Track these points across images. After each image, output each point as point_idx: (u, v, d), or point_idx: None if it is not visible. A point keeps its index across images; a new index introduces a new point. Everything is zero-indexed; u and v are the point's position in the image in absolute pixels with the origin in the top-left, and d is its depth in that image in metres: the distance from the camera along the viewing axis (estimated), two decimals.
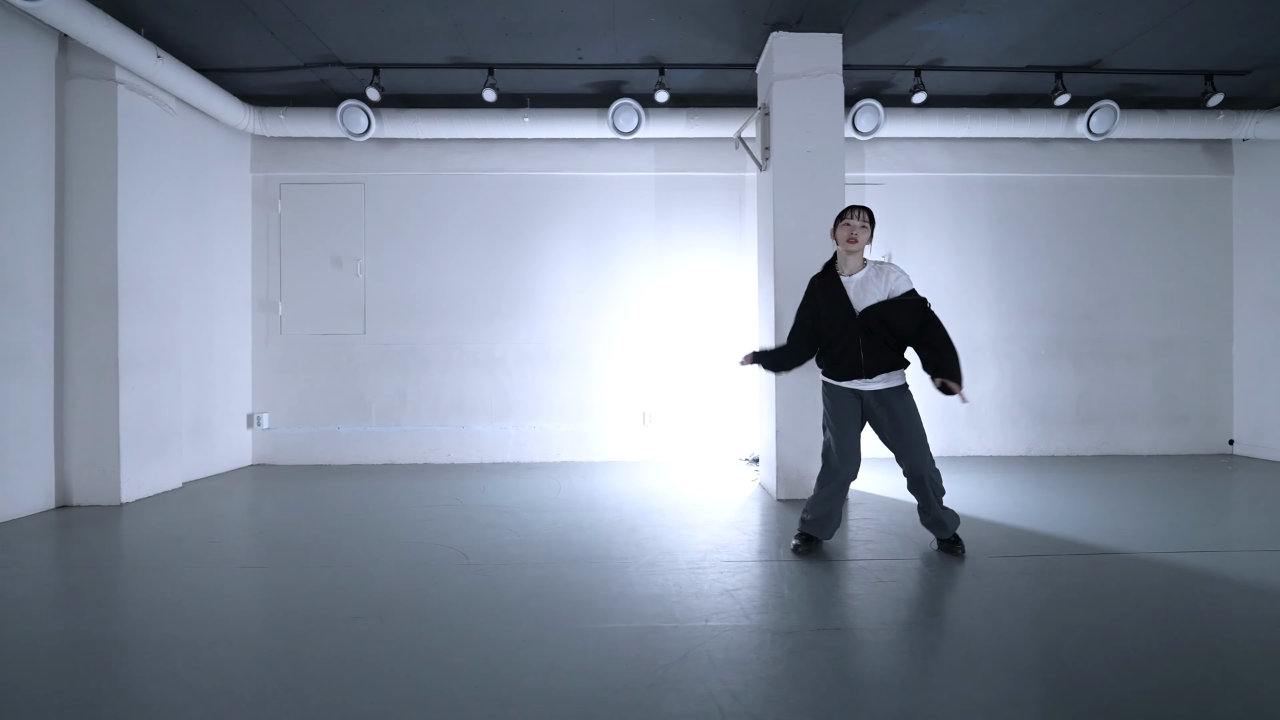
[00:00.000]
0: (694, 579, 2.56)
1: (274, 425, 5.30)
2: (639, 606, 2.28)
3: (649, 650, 1.95)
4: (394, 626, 2.14)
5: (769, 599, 2.34)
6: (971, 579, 2.56)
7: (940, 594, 2.41)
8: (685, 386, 5.33)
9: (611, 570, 2.67)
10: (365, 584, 2.55)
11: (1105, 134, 4.80)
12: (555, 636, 2.04)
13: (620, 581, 2.53)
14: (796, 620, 2.16)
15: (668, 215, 5.38)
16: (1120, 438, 5.45)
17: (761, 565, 2.71)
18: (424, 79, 4.65)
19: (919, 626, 2.13)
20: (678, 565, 2.72)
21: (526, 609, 2.28)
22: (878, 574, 2.61)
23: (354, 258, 5.31)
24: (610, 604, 2.31)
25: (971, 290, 5.42)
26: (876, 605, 2.29)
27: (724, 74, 4.58)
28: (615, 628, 2.11)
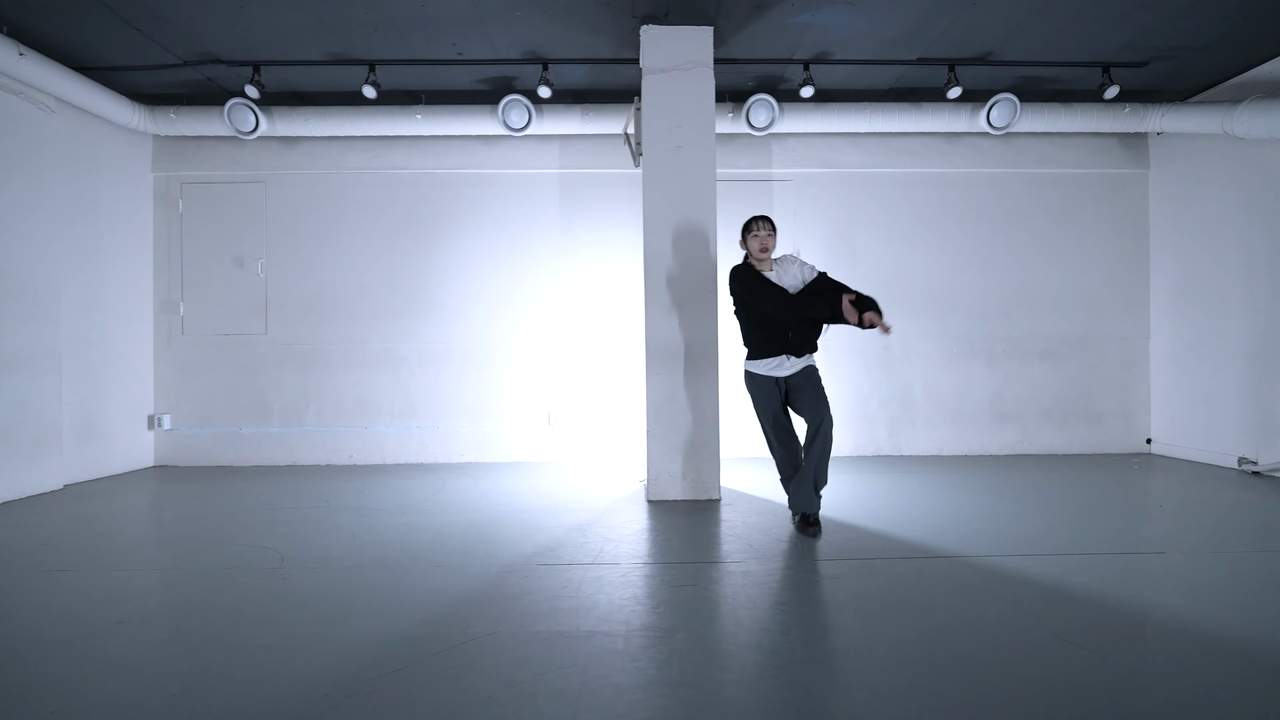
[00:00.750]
0: (497, 583, 2.49)
1: (176, 426, 5.26)
2: (406, 613, 2.22)
3: (364, 662, 1.88)
4: (149, 631, 2.09)
5: (553, 605, 2.28)
6: (783, 583, 2.48)
7: (713, 599, 2.34)
8: (590, 386, 5.26)
9: (418, 574, 2.60)
10: (158, 589, 2.50)
11: (1006, 127, 4.72)
12: (294, 644, 1.99)
13: (414, 586, 2.47)
14: (552, 625, 2.09)
15: (572, 213, 5.31)
16: (1036, 437, 5.37)
17: (580, 569, 2.65)
18: (310, 76, 4.60)
19: (675, 631, 2.06)
20: (488, 569, 2.66)
21: (290, 614, 2.21)
22: (681, 577, 2.54)
23: (255, 257, 5.27)
24: (379, 609, 2.25)
25: (883, 287, 5.32)
26: (652, 609, 2.22)
27: (613, 69, 4.52)
28: (356, 635, 2.05)
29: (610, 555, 2.82)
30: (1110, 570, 2.57)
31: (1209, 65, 4.50)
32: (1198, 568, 2.61)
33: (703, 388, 3.81)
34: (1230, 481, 4.28)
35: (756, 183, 5.30)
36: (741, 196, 5.28)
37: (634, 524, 3.33)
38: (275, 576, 2.61)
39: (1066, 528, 3.19)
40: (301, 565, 2.74)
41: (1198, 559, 2.71)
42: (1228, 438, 4.75)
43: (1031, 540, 2.98)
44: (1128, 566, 2.62)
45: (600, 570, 2.62)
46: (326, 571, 2.66)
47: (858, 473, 4.62)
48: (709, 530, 3.21)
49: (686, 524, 3.32)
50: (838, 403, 5.28)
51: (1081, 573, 2.54)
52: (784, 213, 5.31)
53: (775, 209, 5.30)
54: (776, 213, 5.31)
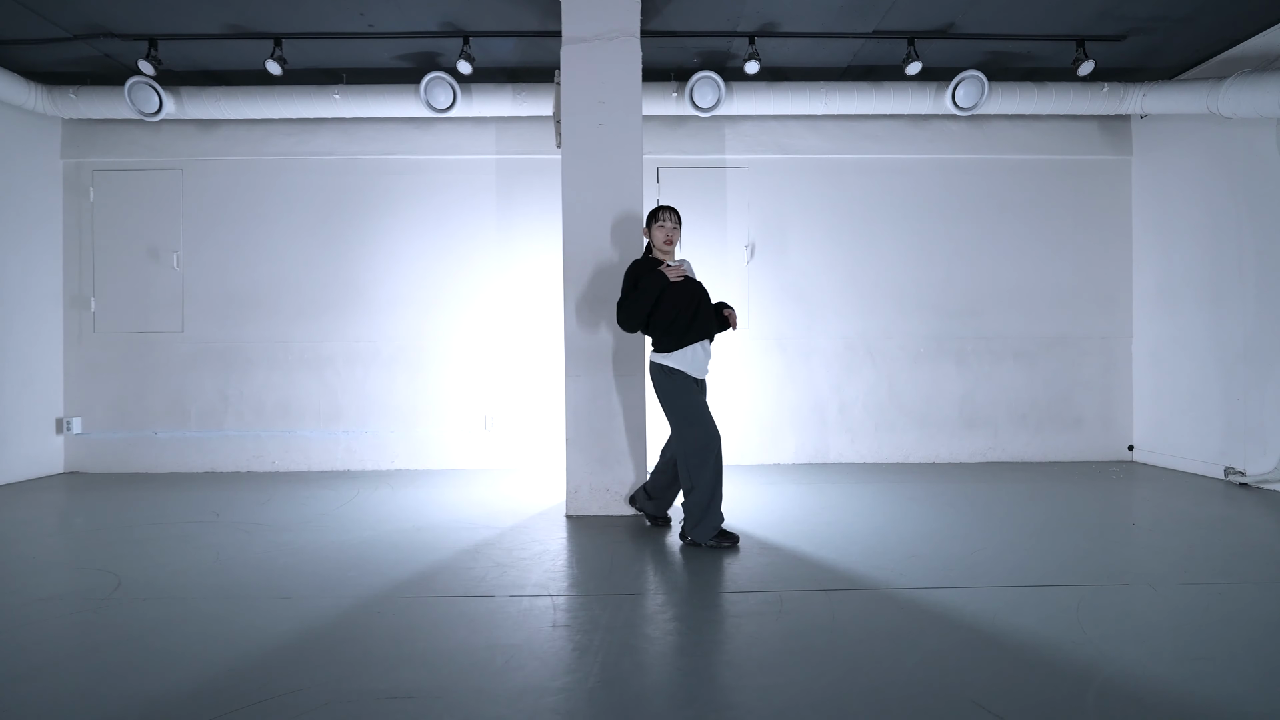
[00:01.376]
0: (339, 622, 2.13)
1: (87, 430, 4.91)
2: (211, 660, 1.86)
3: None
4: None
5: (387, 653, 1.92)
6: (669, 620, 2.12)
7: (581, 647, 1.98)
8: (530, 389, 4.90)
9: (257, 609, 2.24)
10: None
11: (974, 108, 4.34)
12: (53, 703, 1.64)
13: (243, 625, 2.11)
14: (372, 682, 1.73)
15: (510, 202, 4.95)
16: (1009, 443, 4.99)
17: (445, 605, 2.29)
18: (215, 52, 4.24)
19: (521, 697, 1.70)
20: (340, 603, 2.30)
21: (78, 661, 1.85)
22: (555, 612, 2.19)
23: (171, 250, 4.92)
24: (183, 655, 1.89)
25: (845, 282, 4.97)
26: (503, 659, 1.86)
27: (543, 44, 4.15)
28: (132, 690, 1.68)
29: (489, 585, 2.46)
30: (1062, 608, 2.20)
31: (1193, 39, 4.12)
32: (1163, 605, 2.24)
33: (629, 392, 3.44)
34: (1215, 494, 3.91)
35: (707, 169, 4.93)
36: (691, 184, 4.91)
37: (537, 545, 2.97)
38: (92, 609, 2.26)
39: (1023, 551, 2.83)
40: (133, 595, 2.39)
41: (1165, 592, 2.35)
42: (1214, 445, 4.38)
43: (978, 567, 2.62)
44: (1083, 602, 2.26)
45: (468, 606, 2.27)
46: (156, 603, 2.31)
47: (809, 482, 4.25)
48: (618, 553, 2.85)
49: (596, 545, 2.96)
50: (793, 405, 4.94)
51: (1027, 611, 2.18)
52: (737, 201, 4.94)
53: (728, 197, 4.94)
54: (729, 201, 4.95)
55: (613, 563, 2.72)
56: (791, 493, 3.98)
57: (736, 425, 4.90)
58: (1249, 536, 3.04)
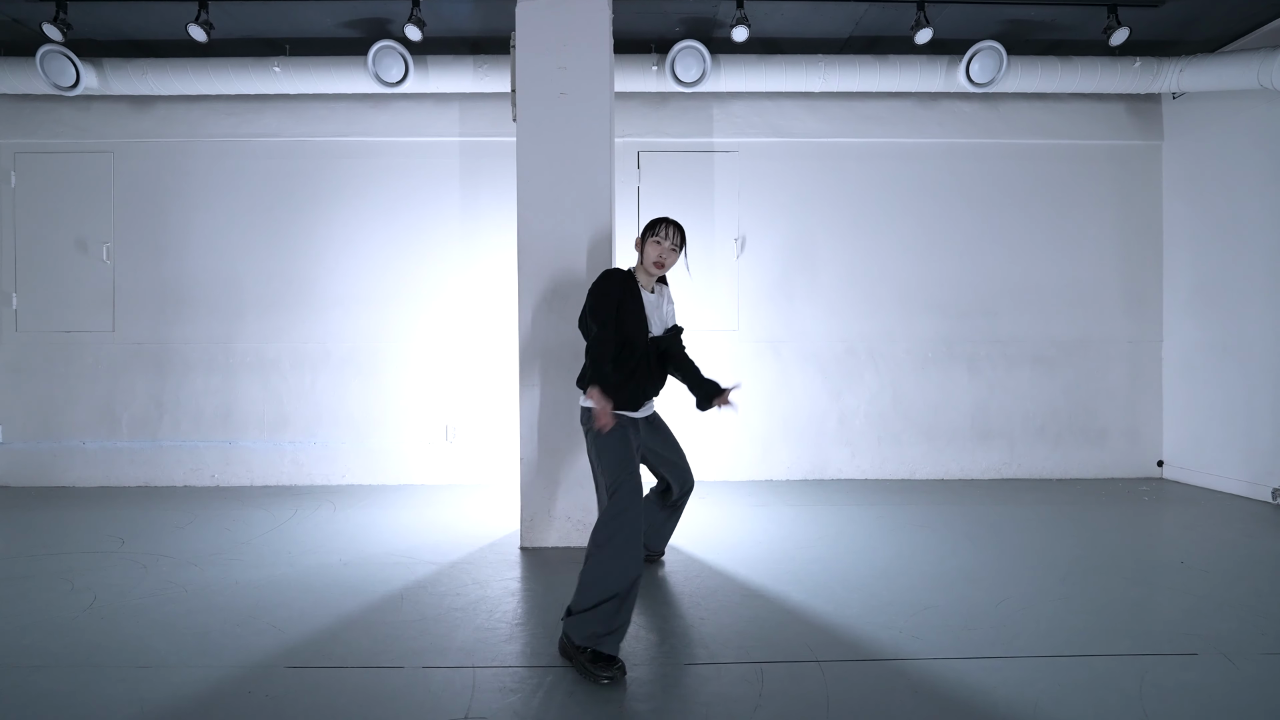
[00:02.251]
0: (195, 709, 1.67)
1: (8, 440, 4.44)
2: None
3: None
4: None
5: None
6: (619, 707, 1.65)
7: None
8: (496, 397, 4.42)
9: (99, 685, 1.77)
10: None
11: (990, 83, 3.87)
12: None
13: (68, 713, 1.65)
14: None
15: (475, 189, 4.47)
16: (1025, 458, 4.52)
17: (339, 678, 1.82)
18: (135, 16, 3.77)
19: None
20: (208, 675, 1.83)
21: None
22: (460, 702, 1.72)
23: (101, 241, 4.45)
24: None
25: (844, 280, 4.50)
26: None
27: (505, 8, 3.68)
28: None
29: (401, 650, 1.99)
30: (1119, 690, 1.73)
31: (1240, 4, 3.65)
32: (1244, 681, 1.77)
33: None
34: (1266, 520, 3.43)
35: (693, 154, 4.46)
36: (675, 169, 4.43)
37: (475, 589, 2.50)
38: None
39: (1058, 601, 2.35)
40: None
41: (1243, 665, 1.88)
42: (1257, 462, 3.90)
43: (1007, 625, 2.14)
44: (1146, 678, 1.78)
45: (366, 681, 1.80)
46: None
47: (805, 504, 3.78)
48: (568, 600, 2.39)
49: (546, 590, 2.49)
50: (787, 415, 4.47)
51: (1074, 693, 1.71)
52: (727, 190, 4.47)
53: (716, 185, 4.46)
54: (717, 189, 4.47)
55: (557, 613, 2.26)
56: (784, 517, 3.51)
57: (725, 438, 4.43)
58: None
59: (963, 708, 1.66)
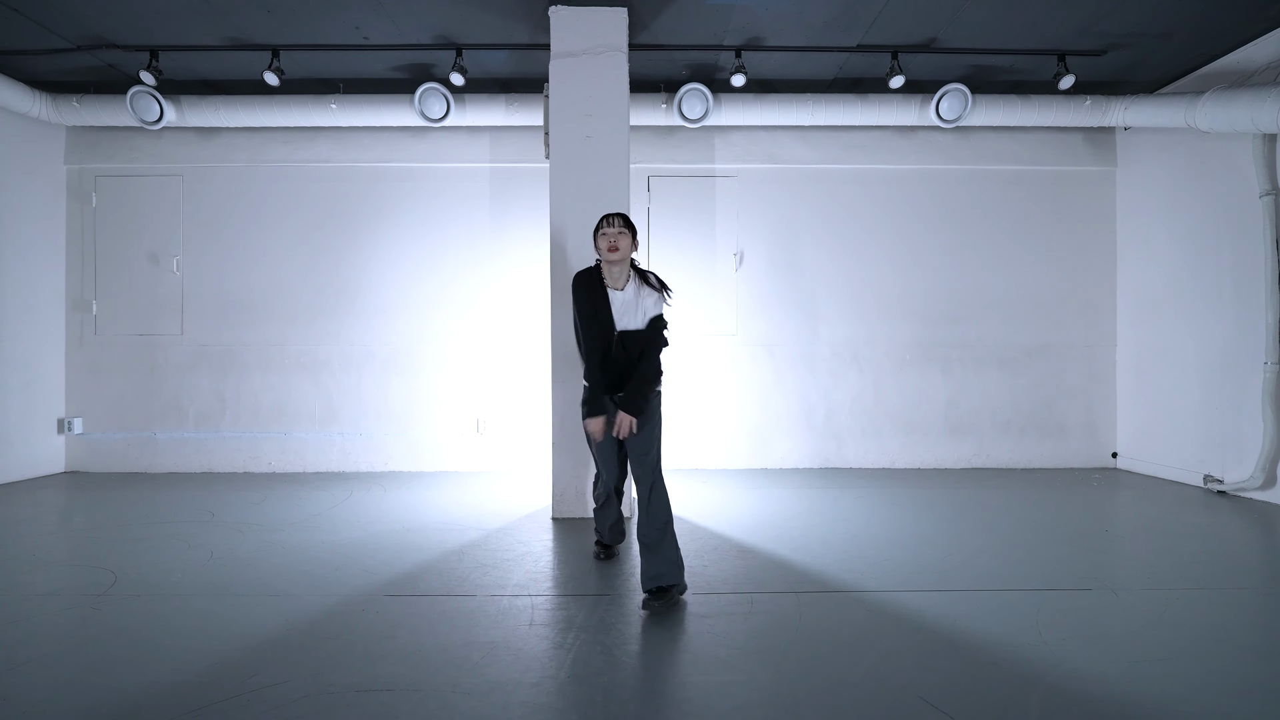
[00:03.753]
0: (322, 619, 2.21)
1: (88, 430, 5.01)
2: (200, 654, 1.94)
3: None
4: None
5: (368, 649, 2.00)
6: (636, 621, 2.20)
7: (551, 645, 2.05)
8: (522, 393, 4.98)
9: (245, 606, 2.32)
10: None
11: (958, 120, 4.43)
12: (50, 690, 1.72)
13: (231, 622, 2.20)
14: (351, 676, 1.81)
15: (504, 210, 5.04)
16: (993, 449, 5.06)
17: (426, 603, 2.37)
18: (215, 62, 4.34)
19: (492, 692, 1.77)
20: (326, 601, 2.38)
21: (73, 654, 1.94)
22: (528, 613, 2.26)
23: (171, 254, 5.02)
24: (174, 649, 1.97)
25: (832, 290, 5.05)
26: (479, 655, 1.94)
27: (534, 56, 4.24)
28: (124, 684, 1.77)
29: (471, 585, 2.54)
30: (1022, 612, 2.28)
31: (1172, 54, 4.20)
32: (1121, 609, 2.32)
33: None
34: (1193, 502, 3.97)
35: (697, 179, 5.02)
36: (681, 193, 4.99)
37: (521, 547, 3.05)
38: (89, 604, 2.34)
39: (994, 556, 2.90)
40: (129, 592, 2.47)
41: (1126, 597, 2.42)
42: (1193, 453, 4.44)
43: (948, 571, 2.69)
44: (1044, 606, 2.33)
45: (449, 605, 2.35)
46: (150, 600, 2.39)
47: (794, 487, 4.33)
48: (590, 554, 2.93)
49: (578, 548, 3.04)
50: (781, 411, 5.02)
51: (988, 615, 2.25)
52: (727, 210, 5.03)
53: (718, 206, 5.02)
54: (719, 211, 5.03)
55: (592, 565, 2.80)
56: (776, 497, 4.05)
57: (725, 431, 4.98)
58: (1217, 544, 3.11)
59: (900, 621, 2.20)
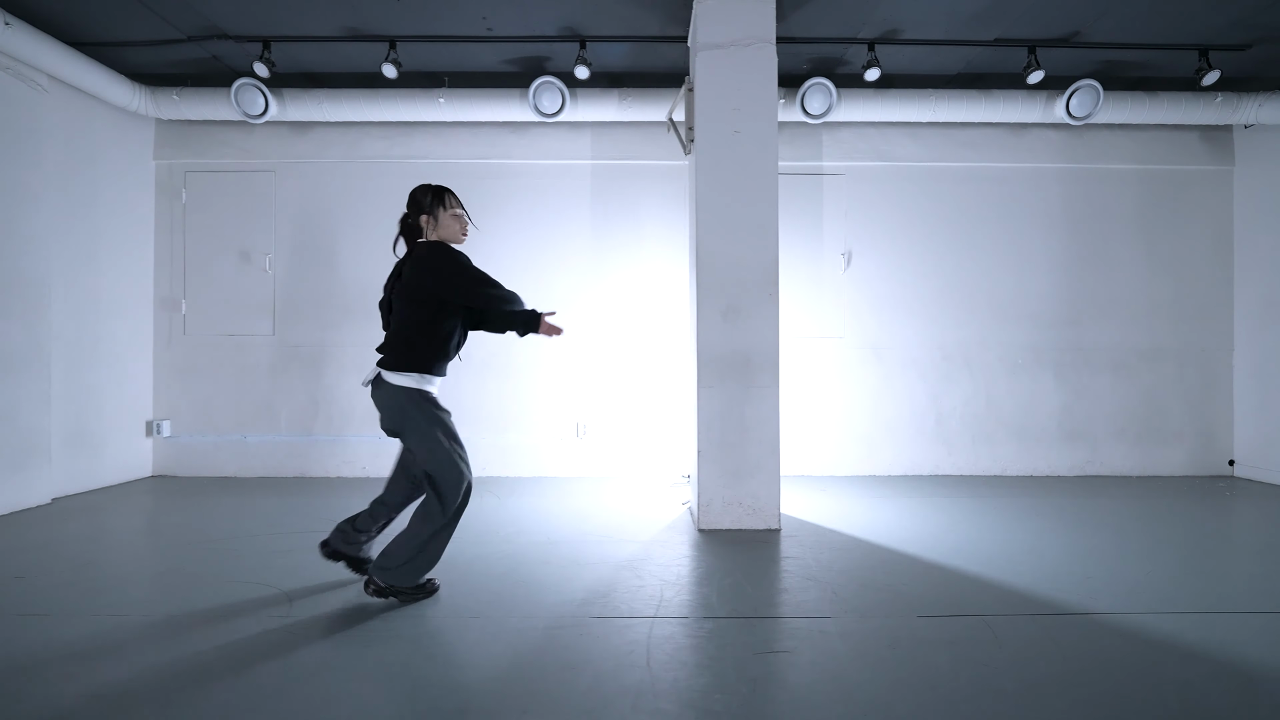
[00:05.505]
0: (546, 644, 2.08)
1: (176, 433, 4.87)
2: (433, 688, 1.81)
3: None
4: (134, 713, 1.68)
5: (622, 682, 1.87)
6: (889, 649, 2.07)
7: (844, 671, 1.92)
8: (623, 396, 4.85)
9: (450, 629, 2.19)
10: (146, 643, 2.10)
11: (1087, 118, 4.29)
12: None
13: (448, 646, 2.06)
14: (627, 711, 1.68)
15: (605, 207, 4.91)
16: (1107, 456, 4.92)
17: (643, 626, 2.23)
18: (324, 54, 4.21)
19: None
20: (533, 623, 2.24)
21: (303, 685, 1.81)
22: (765, 637, 2.13)
23: (263, 252, 4.88)
24: (401, 679, 1.84)
25: (941, 291, 4.91)
26: (749, 685, 1.80)
27: (655, 48, 4.11)
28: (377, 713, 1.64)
29: (674, 606, 2.40)
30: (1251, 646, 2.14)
31: None
32: None
33: (761, 403, 3.39)
34: None
35: (804, 175, 4.88)
36: (787, 191, 4.85)
37: (690, 561, 2.91)
38: (281, 630, 2.21)
39: (1196, 572, 2.75)
40: (311, 611, 2.34)
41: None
42: None
43: (1163, 589, 2.54)
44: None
45: (667, 628, 2.21)
46: (342, 621, 2.26)
47: (922, 495, 4.19)
48: (780, 571, 2.79)
49: (750, 561, 2.90)
50: (890, 416, 4.87)
51: (1255, 640, 2.11)
52: (834, 209, 4.89)
53: (824, 204, 4.88)
54: (826, 209, 4.89)
55: (779, 581, 2.66)
56: (909, 507, 3.91)
57: (831, 436, 4.84)
58: None
59: (1174, 651, 2.06)
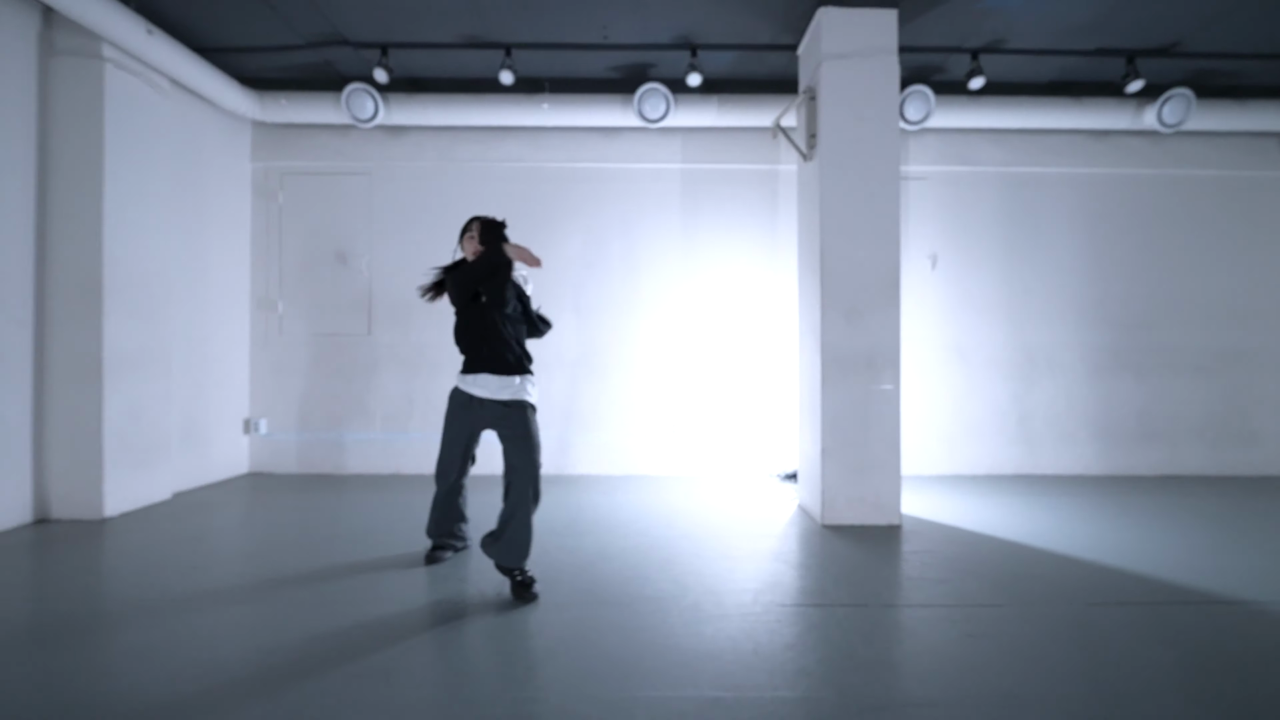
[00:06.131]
0: (748, 629, 2.18)
1: (272, 431, 4.97)
2: (690, 668, 1.91)
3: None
4: (399, 689, 1.78)
5: (843, 659, 1.97)
6: (1074, 628, 2.17)
7: (1045, 652, 2.02)
8: (714, 395, 4.95)
9: (650, 615, 2.29)
10: (367, 628, 2.19)
11: (1178, 125, 4.39)
12: (593, 709, 1.68)
13: (662, 630, 2.17)
14: (882, 691, 1.78)
15: (695, 211, 5.01)
16: (1185, 457, 5.02)
17: (821, 611, 2.34)
18: (435, 60, 4.30)
19: (1040, 701, 1.74)
20: (726, 610, 2.35)
21: (556, 667, 1.91)
22: (961, 624, 2.23)
23: (359, 253, 4.98)
24: (655, 663, 1.94)
25: (1023, 295, 5.01)
26: (976, 669, 1.90)
27: (760, 56, 4.21)
28: (666, 697, 1.74)
29: (854, 594, 2.50)
30: None
31: None
32: None
33: (883, 402, 3.49)
34: None
35: None
36: None
37: (835, 554, 3.01)
38: (494, 614, 2.30)
39: None
40: (513, 601, 2.43)
41: None
42: None
43: None
44: None
45: (844, 614, 2.31)
46: (547, 610, 2.34)
47: (1015, 494, 4.27)
48: (929, 562, 2.87)
49: (895, 555, 2.99)
50: (973, 416, 4.97)
51: None
52: (918, 213, 4.99)
53: (908, 208, 4.98)
54: (910, 213, 4.99)
55: (924, 574, 2.75)
56: (1008, 504, 3.99)
57: (915, 436, 4.93)
58: None
59: None
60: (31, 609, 2.36)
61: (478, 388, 2.64)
